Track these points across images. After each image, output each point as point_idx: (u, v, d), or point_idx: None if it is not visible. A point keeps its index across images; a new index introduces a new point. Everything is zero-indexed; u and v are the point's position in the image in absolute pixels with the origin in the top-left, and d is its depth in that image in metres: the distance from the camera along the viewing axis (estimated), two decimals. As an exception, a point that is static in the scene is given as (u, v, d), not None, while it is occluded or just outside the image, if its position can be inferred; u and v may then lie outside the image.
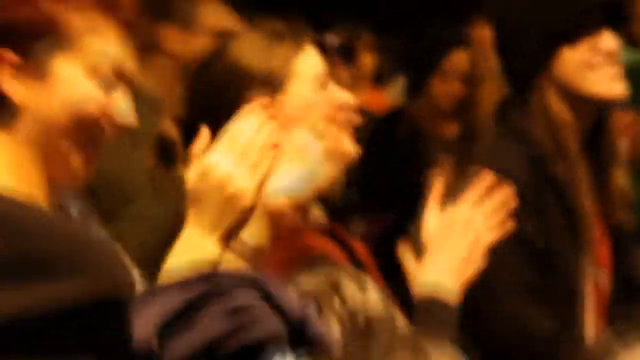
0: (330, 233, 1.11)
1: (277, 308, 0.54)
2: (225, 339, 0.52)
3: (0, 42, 0.72)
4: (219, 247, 0.80)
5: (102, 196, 1.28)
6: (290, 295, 0.57)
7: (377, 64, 3.72)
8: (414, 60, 3.08)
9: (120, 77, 0.78)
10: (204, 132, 0.83)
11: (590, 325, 1.22)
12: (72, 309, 0.40)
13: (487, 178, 1.06)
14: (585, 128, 1.24)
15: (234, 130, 0.82)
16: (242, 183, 0.79)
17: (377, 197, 2.43)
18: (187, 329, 0.52)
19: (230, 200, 0.79)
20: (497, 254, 1.04)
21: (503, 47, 1.28)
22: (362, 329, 0.64)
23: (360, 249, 1.18)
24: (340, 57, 3.02)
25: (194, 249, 0.79)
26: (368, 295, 0.69)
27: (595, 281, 1.25)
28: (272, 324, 0.53)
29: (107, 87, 0.76)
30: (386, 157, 2.59)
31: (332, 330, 0.63)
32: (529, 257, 1.17)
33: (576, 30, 1.19)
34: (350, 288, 0.69)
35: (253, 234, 0.92)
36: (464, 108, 2.73)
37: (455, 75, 2.78)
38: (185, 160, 0.87)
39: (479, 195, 1.04)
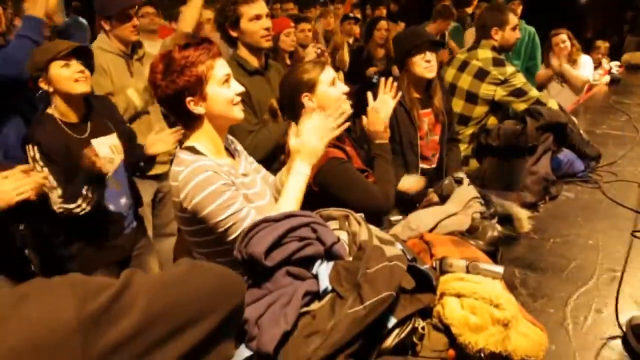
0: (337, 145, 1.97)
1: (319, 239, 1.15)
2: (296, 252, 1.14)
3: None
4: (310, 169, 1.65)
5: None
6: (328, 231, 1.18)
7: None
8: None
9: None
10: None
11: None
12: (225, 321, 0.72)
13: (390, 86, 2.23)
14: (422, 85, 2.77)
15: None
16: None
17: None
18: (282, 245, 1.13)
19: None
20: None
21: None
22: (357, 247, 1.24)
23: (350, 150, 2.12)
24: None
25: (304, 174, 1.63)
26: (362, 227, 1.28)
27: (432, 139, 2.84)
28: (316, 247, 1.15)
29: None
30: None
31: (343, 240, 1.25)
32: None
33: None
34: (353, 221, 1.30)
35: None
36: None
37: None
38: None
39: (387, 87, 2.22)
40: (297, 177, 1.63)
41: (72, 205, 2.22)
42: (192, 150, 1.59)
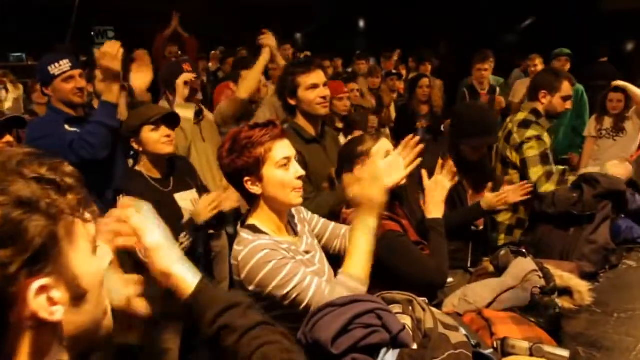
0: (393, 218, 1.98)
1: (385, 327, 1.17)
2: (362, 340, 1.15)
3: None
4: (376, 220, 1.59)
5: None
6: (394, 318, 1.19)
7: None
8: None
9: None
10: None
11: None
12: None
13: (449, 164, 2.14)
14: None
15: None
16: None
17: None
18: (348, 332, 1.15)
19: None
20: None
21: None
22: (422, 334, 1.25)
23: (406, 223, 2.10)
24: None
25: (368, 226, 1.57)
26: (426, 314, 1.29)
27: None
28: (382, 335, 1.16)
29: None
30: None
31: (407, 325, 1.26)
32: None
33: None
34: (417, 307, 1.31)
35: None
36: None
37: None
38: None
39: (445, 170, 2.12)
40: (363, 232, 1.58)
41: None
42: (253, 228, 1.63)
